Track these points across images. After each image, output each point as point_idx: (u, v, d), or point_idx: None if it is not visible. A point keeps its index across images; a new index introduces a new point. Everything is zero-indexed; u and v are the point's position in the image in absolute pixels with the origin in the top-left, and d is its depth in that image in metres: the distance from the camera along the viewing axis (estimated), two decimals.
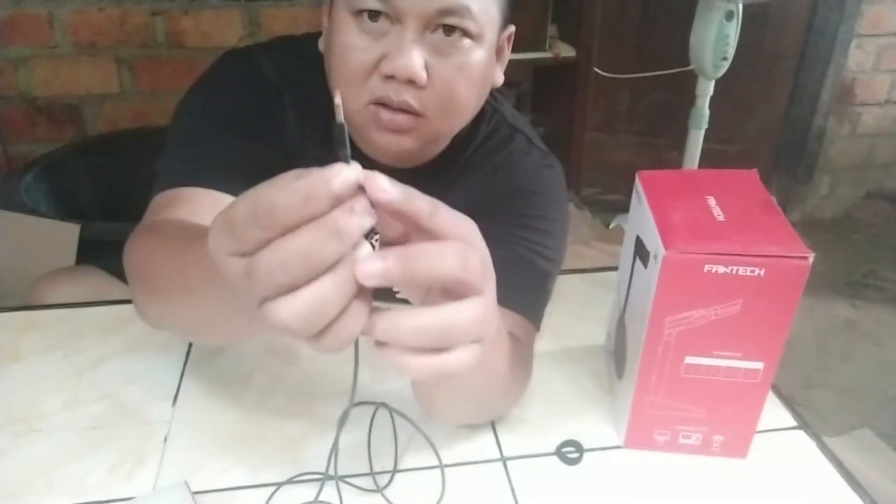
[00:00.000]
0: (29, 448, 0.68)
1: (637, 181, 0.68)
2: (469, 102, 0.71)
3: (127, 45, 2.00)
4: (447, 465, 0.66)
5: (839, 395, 1.93)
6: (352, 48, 0.66)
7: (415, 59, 0.64)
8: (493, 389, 0.65)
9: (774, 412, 0.74)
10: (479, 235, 0.41)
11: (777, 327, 0.59)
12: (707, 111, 2.07)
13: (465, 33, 0.65)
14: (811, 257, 0.56)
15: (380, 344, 0.38)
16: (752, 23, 2.07)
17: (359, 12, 0.65)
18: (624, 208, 0.69)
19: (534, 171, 0.81)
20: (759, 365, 0.62)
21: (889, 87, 2.67)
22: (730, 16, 1.89)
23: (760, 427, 0.66)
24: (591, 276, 0.96)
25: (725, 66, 1.97)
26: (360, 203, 0.35)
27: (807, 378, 1.99)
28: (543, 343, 0.80)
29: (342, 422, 0.57)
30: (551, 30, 2.20)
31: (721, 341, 0.61)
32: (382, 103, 0.67)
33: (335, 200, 0.34)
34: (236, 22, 2.03)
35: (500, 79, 0.76)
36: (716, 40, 1.91)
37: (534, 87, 2.48)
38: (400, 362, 0.38)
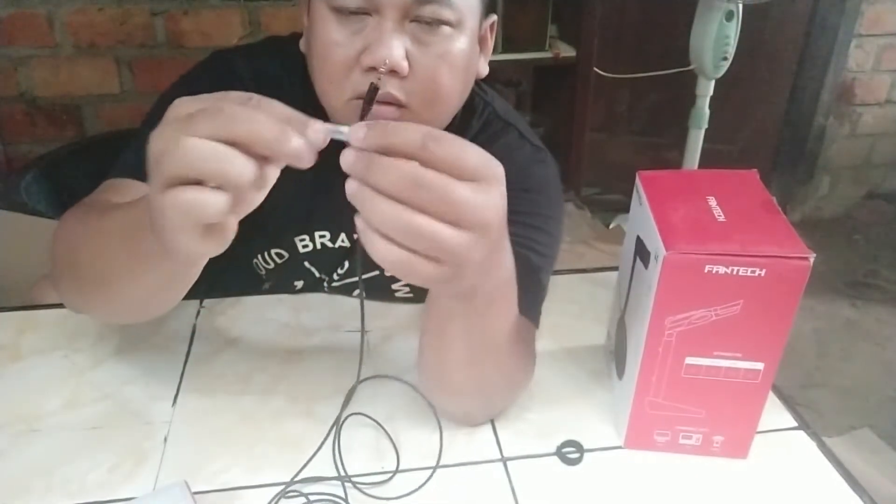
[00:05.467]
0: (29, 448, 0.68)
1: (637, 181, 0.68)
2: (453, 92, 0.70)
3: (127, 45, 2.00)
4: (448, 466, 0.66)
5: (839, 395, 1.93)
6: (332, 44, 0.66)
7: (395, 50, 0.63)
8: (494, 362, 0.64)
9: (775, 412, 0.74)
10: (503, 178, 0.46)
11: (778, 328, 0.59)
12: (707, 111, 2.07)
13: (445, 21, 0.65)
14: (812, 258, 0.56)
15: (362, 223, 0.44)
16: (752, 23, 2.07)
17: (338, 8, 0.65)
18: (624, 208, 0.69)
19: (526, 166, 0.81)
20: (759, 365, 0.62)
21: (889, 87, 2.67)
22: (730, 16, 1.89)
23: (761, 427, 0.66)
24: (591, 276, 0.96)
25: (725, 66, 1.97)
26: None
27: (807, 378, 1.99)
28: (543, 343, 0.80)
29: (348, 398, 0.57)
30: (551, 30, 2.20)
31: (722, 342, 0.61)
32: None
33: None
34: (236, 22, 2.03)
35: (484, 69, 0.76)
36: (716, 40, 1.91)
37: (534, 87, 2.48)
38: (371, 241, 0.43)
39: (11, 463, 0.66)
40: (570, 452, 0.69)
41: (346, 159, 0.43)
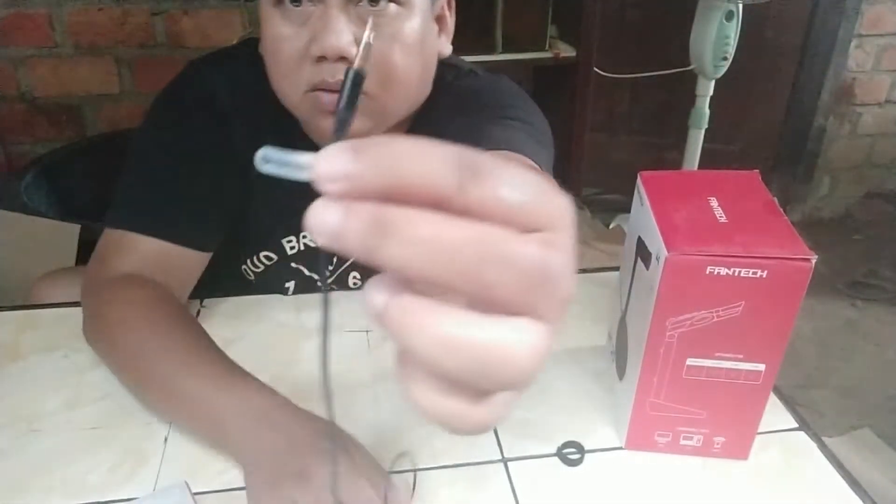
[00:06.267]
0: (29, 448, 0.68)
1: (639, 182, 0.68)
2: (410, 72, 0.69)
3: (127, 45, 2.00)
4: (447, 466, 0.66)
5: (839, 395, 1.93)
6: (280, 39, 0.66)
7: (342, 36, 0.62)
8: None
9: (776, 413, 0.74)
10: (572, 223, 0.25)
11: (779, 329, 0.59)
12: (707, 111, 2.07)
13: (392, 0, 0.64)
14: (814, 259, 0.56)
15: (401, 367, 0.25)
16: (752, 23, 2.07)
17: (280, 1, 0.64)
18: (624, 208, 0.69)
19: (485, 82, 0.82)
20: (760, 367, 0.62)
21: (889, 87, 2.67)
22: (730, 16, 1.89)
23: (761, 428, 0.66)
24: (591, 277, 0.96)
25: (725, 66, 1.97)
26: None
27: (807, 378, 1.99)
28: None
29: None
30: (551, 30, 2.20)
31: (723, 343, 0.60)
32: (321, 88, 0.66)
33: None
34: (236, 22, 2.03)
35: (446, 49, 0.75)
36: (716, 40, 1.91)
37: (534, 87, 2.48)
38: (417, 396, 0.24)
39: (11, 463, 0.66)
40: (570, 453, 0.69)
41: (330, 226, 0.22)
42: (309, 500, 0.54)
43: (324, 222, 0.22)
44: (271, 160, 0.24)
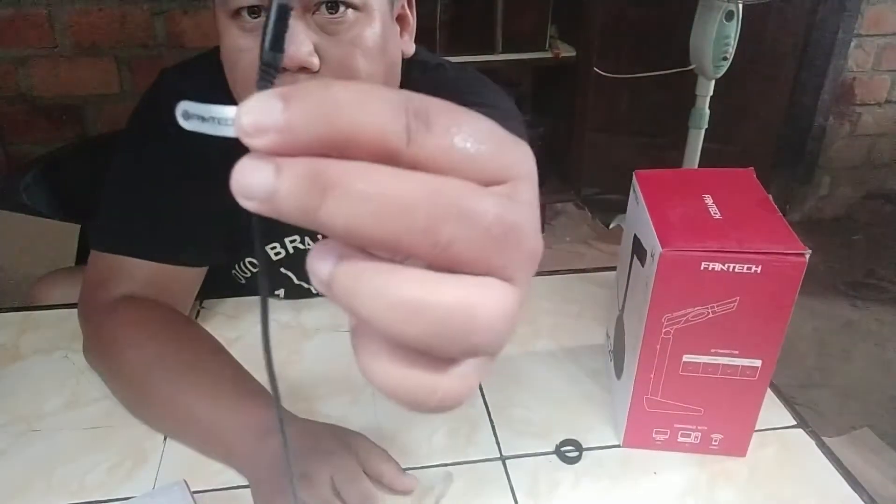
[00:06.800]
0: (29, 448, 0.68)
1: (634, 181, 0.68)
2: (373, 77, 0.68)
3: (127, 45, 2.00)
4: (446, 465, 0.66)
5: (839, 395, 1.93)
6: (238, 51, 0.65)
7: (301, 46, 0.61)
8: None
9: (773, 411, 0.74)
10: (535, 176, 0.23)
11: (775, 324, 0.59)
12: (707, 111, 2.07)
13: (349, 5, 0.63)
14: (808, 254, 0.56)
15: (355, 332, 0.22)
16: (752, 23, 2.07)
17: (236, 12, 0.63)
18: (624, 208, 0.69)
19: (451, 73, 0.82)
20: (757, 362, 0.62)
21: (889, 87, 2.67)
22: (730, 16, 1.89)
23: (759, 426, 0.66)
24: (590, 276, 0.96)
25: (725, 66, 1.97)
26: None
27: (807, 378, 1.99)
28: (543, 343, 0.81)
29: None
30: (551, 30, 2.20)
31: (719, 339, 0.61)
32: None
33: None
34: None
35: (410, 48, 0.75)
36: (716, 40, 1.91)
37: (534, 87, 2.48)
38: (377, 371, 0.22)
39: (11, 463, 0.66)
40: (568, 451, 0.69)
41: (259, 187, 0.19)
42: (314, 500, 0.56)
43: (251, 183, 0.19)
44: (192, 115, 0.21)
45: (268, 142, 0.19)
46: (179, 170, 0.76)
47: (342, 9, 0.63)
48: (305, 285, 0.90)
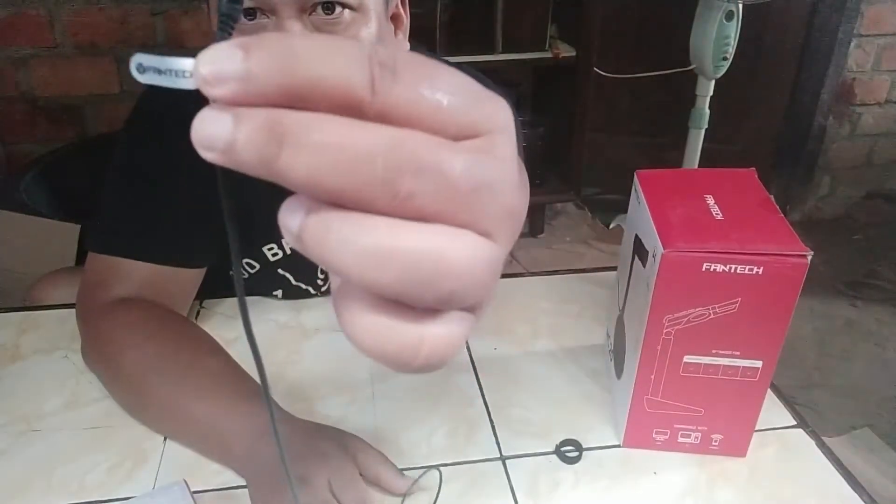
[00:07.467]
0: (29, 448, 0.68)
1: (636, 180, 0.68)
2: None
3: (127, 45, 2.00)
4: (446, 464, 0.66)
5: (839, 395, 1.93)
6: None
7: None
8: None
9: (773, 411, 0.74)
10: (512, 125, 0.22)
11: (776, 326, 0.59)
12: (707, 111, 2.07)
13: (345, 6, 0.63)
14: (809, 255, 0.56)
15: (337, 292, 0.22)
16: (752, 23, 2.07)
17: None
18: (624, 208, 0.69)
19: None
20: (757, 363, 0.62)
21: (889, 87, 2.67)
22: (730, 16, 1.89)
23: (759, 426, 0.66)
24: (590, 276, 0.96)
25: (725, 66, 1.97)
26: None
27: (807, 378, 1.99)
28: (543, 343, 0.80)
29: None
30: (551, 30, 2.20)
31: (720, 340, 0.61)
32: None
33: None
34: None
35: (404, 46, 0.75)
36: (716, 40, 1.91)
37: (534, 87, 2.48)
38: (358, 327, 0.21)
39: (11, 463, 0.66)
40: (569, 451, 0.69)
41: (218, 137, 0.19)
42: (311, 500, 0.56)
43: (211, 134, 0.19)
44: (147, 68, 0.20)
45: (228, 91, 0.19)
46: (176, 171, 0.76)
47: (338, 9, 0.63)
48: (303, 286, 0.90)
